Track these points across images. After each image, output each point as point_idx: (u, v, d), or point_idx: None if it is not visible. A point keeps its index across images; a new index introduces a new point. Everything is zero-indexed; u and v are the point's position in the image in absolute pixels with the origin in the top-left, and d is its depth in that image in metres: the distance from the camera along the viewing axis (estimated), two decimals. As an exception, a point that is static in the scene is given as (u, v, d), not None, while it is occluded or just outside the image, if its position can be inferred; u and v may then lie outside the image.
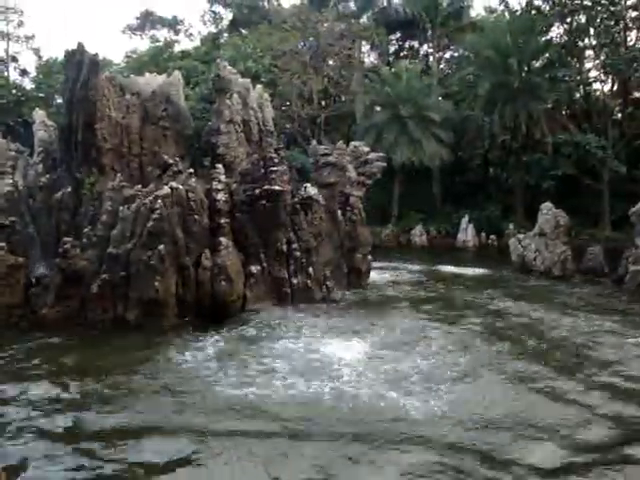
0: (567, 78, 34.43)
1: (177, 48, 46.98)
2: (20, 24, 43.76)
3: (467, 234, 31.46)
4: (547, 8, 35.10)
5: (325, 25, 37.29)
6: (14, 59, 44.09)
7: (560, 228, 19.95)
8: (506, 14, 37.62)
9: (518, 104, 32.03)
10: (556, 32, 35.60)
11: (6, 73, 42.77)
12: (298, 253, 13.37)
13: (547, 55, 34.07)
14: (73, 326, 11.30)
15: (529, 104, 31.99)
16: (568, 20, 34.29)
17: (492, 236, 32.07)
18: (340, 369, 8.46)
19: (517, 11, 36.61)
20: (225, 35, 46.36)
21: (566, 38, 35.04)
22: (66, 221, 12.95)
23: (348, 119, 38.87)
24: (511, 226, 30.96)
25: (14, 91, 40.79)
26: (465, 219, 31.86)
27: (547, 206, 20.48)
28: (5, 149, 14.12)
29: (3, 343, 10.08)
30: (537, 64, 34.26)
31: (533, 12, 35.38)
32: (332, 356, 9.09)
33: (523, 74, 32.91)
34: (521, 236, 21.56)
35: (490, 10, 41.97)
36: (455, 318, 12.55)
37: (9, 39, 43.66)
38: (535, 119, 32.29)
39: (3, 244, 12.18)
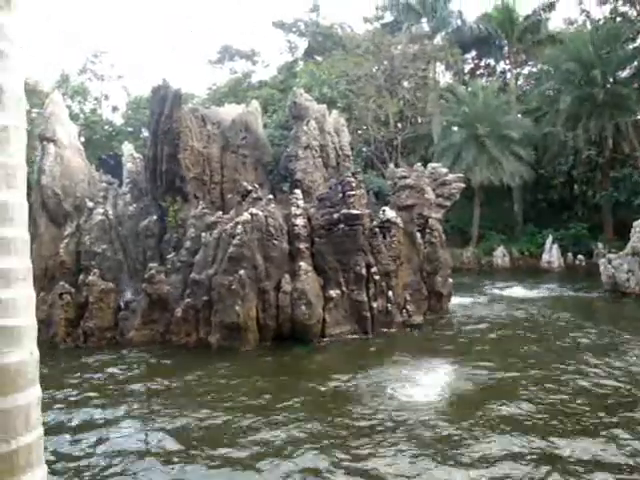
0: (658, 87, 32.59)
1: (255, 78, 48.50)
2: (112, 65, 46.73)
3: (552, 254, 30.07)
4: (634, 14, 33.44)
5: (398, 48, 37.34)
6: (106, 97, 46.98)
7: (656, 247, 18.69)
8: (587, 24, 36.25)
9: (604, 117, 30.58)
10: (644, 38, 33.82)
11: (100, 111, 45.59)
12: (377, 277, 13.21)
13: (635, 64, 32.40)
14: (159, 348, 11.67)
15: (616, 116, 30.47)
16: (658, 25, 32.55)
17: (579, 256, 30.52)
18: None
19: (600, 20, 35.16)
20: (300, 63, 47.34)
21: (656, 44, 33.21)
22: (152, 247, 13.47)
23: (425, 140, 38.48)
24: (600, 245, 29.42)
25: (106, 127, 43.41)
26: (549, 239, 30.51)
27: (640, 224, 19.27)
28: (98, 181, 14.95)
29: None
30: (624, 74, 32.67)
31: (618, 19, 33.84)
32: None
33: (608, 85, 31.46)
34: (612, 256, 20.36)
35: (570, 21, 40.61)
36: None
37: (102, 80, 46.64)
38: (623, 132, 30.70)
39: (96, 270, 12.82)
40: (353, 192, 13.21)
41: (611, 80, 31.88)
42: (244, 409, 7.92)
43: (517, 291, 20.64)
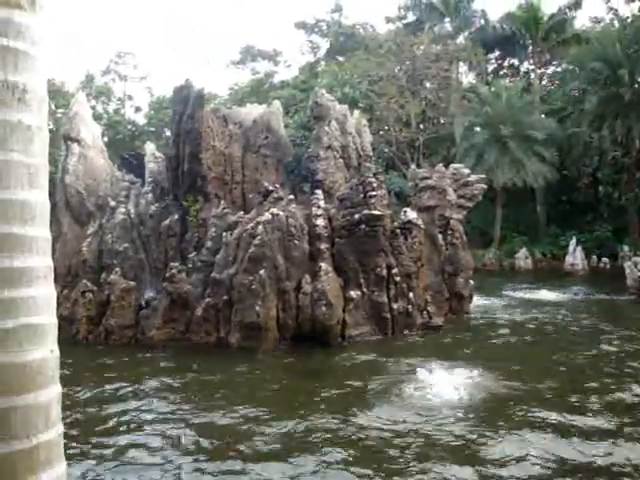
0: (687, 87, 31.88)
1: (276, 78, 48.72)
2: (135, 67, 47.40)
3: (576, 257, 29.61)
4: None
5: (421, 48, 37.17)
6: (130, 98, 47.61)
7: (684, 250, 18.32)
8: (615, 22, 35.69)
9: (631, 117, 30.09)
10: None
11: (123, 111, 46.21)
12: (398, 278, 13.13)
13: (664, 63, 31.78)
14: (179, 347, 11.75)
15: (643, 117, 29.97)
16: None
17: (604, 259, 30.07)
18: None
19: (627, 18, 34.56)
20: (322, 63, 47.41)
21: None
22: (173, 247, 13.56)
23: (447, 141, 38.25)
24: (625, 248, 28.94)
25: (129, 126, 44.00)
26: (573, 241, 30.06)
27: (668, 226, 18.90)
28: (120, 180, 15.11)
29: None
30: (652, 74, 32.09)
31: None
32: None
33: (636, 85, 30.93)
34: (638, 259, 20.01)
35: (596, 20, 40.03)
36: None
37: (126, 80, 47.31)
38: (650, 133, 30.18)
39: (118, 269, 12.95)
40: (374, 193, 13.15)
41: (639, 80, 31.33)
42: (263, 407, 7.93)
43: (540, 294, 20.37)
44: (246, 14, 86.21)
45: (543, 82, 41.89)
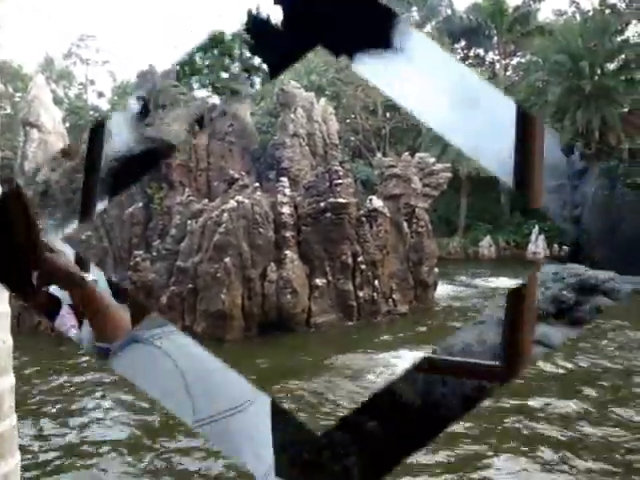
0: (645, 79, 32.72)
1: (243, 65, 48.13)
2: (97, 50, 46.12)
3: (538, 245, 30.24)
4: (623, 6, 33.53)
5: (388, 36, 37.20)
6: (92, 82, 46.38)
7: None
8: (577, 16, 36.34)
9: (591, 109, 30.74)
10: (633, 31, 33.87)
11: (85, 96, 45.05)
12: (363, 266, 13.22)
13: (623, 56, 32.55)
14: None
15: (603, 108, 30.64)
16: (646, 17, 32.69)
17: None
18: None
19: (589, 11, 35.25)
20: (289, 50, 47.02)
21: (644, 37, 33.37)
22: (137, 235, 13.38)
23: (413, 130, 38.40)
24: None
25: (91, 112, 42.92)
26: (535, 230, 30.67)
27: (625, 215, 19.43)
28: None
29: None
30: (612, 66, 32.82)
31: (607, 11, 33.92)
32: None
33: (596, 77, 31.60)
34: (597, 247, 20.55)
35: (559, 13, 40.67)
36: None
37: (88, 64, 46.04)
38: (610, 124, 30.89)
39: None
40: (340, 181, 13.16)
41: (599, 72, 32.02)
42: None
43: (503, 281, 20.72)
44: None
45: (508, 73, 42.41)
